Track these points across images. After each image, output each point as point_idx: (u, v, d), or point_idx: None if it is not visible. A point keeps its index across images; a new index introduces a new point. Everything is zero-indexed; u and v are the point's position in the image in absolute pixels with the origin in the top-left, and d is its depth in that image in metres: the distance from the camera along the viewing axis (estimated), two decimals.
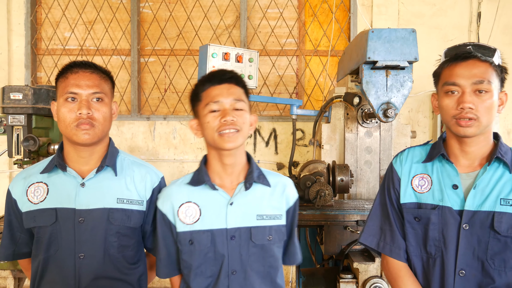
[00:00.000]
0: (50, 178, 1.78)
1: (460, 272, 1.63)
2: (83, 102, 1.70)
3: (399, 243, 1.76)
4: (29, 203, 1.75)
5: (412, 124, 4.65)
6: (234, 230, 1.68)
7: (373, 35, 2.36)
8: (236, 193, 1.71)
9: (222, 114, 1.63)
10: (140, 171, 1.86)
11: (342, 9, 4.77)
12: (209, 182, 1.71)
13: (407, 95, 2.43)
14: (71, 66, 1.76)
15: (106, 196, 1.76)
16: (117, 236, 1.76)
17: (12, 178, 4.64)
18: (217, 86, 1.67)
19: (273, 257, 1.73)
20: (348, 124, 3.07)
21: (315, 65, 4.82)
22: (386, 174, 1.86)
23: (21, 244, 1.84)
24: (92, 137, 1.71)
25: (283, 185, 1.79)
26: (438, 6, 4.64)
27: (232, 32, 4.77)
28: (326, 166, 2.79)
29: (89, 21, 4.82)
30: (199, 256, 1.68)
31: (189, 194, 1.73)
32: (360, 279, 2.29)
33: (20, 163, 2.67)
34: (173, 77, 4.81)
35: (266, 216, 1.72)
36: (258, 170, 1.77)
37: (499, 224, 1.59)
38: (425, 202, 1.71)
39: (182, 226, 1.70)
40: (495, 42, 4.54)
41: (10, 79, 4.69)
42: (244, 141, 1.69)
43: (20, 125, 2.62)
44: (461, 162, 1.69)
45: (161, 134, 4.72)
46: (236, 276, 1.67)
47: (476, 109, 1.57)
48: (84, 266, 1.72)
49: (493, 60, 1.60)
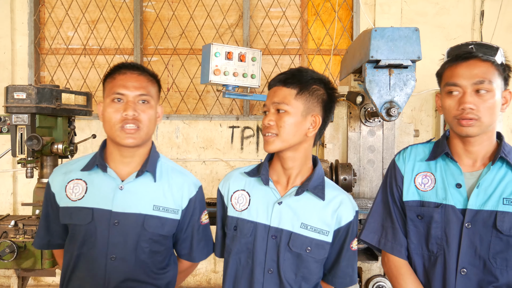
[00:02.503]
0: (90, 176, 1.78)
1: (462, 271, 1.63)
2: (130, 103, 1.69)
3: (400, 240, 1.76)
4: (67, 199, 1.76)
5: (415, 123, 4.64)
6: (276, 230, 1.68)
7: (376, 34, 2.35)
8: (287, 194, 1.71)
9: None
10: (178, 179, 1.86)
11: (344, 8, 4.76)
12: (263, 176, 1.73)
13: (410, 94, 2.43)
14: (119, 67, 1.76)
15: (143, 202, 1.76)
16: (149, 242, 1.77)
17: (15, 178, 4.67)
18: (271, 89, 1.73)
19: (308, 269, 1.70)
20: (351, 123, 3.06)
21: (318, 64, 4.82)
22: (388, 171, 1.85)
23: (56, 236, 1.86)
24: (137, 141, 1.71)
25: (338, 203, 1.72)
26: (441, 5, 4.62)
27: (235, 31, 4.77)
28: (329, 165, 2.79)
29: (92, 20, 4.83)
30: (239, 243, 1.72)
31: (246, 183, 1.78)
32: (363, 278, 2.29)
33: (24, 162, 2.68)
34: (176, 76, 4.81)
35: (311, 227, 1.69)
36: (318, 181, 1.72)
37: (502, 223, 1.59)
38: (428, 200, 1.70)
39: (232, 211, 1.76)
40: (498, 41, 4.53)
41: (14, 78, 4.71)
42: (289, 146, 1.66)
43: (24, 125, 2.63)
44: (465, 161, 1.69)
45: (164, 133, 4.73)
46: (272, 276, 1.68)
47: (477, 110, 1.56)
48: (115, 268, 1.72)
49: (495, 59, 1.59)
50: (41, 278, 4.77)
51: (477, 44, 1.63)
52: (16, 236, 2.54)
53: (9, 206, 4.67)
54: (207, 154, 4.73)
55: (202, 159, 4.72)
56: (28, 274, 2.62)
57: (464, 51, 1.63)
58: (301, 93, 1.66)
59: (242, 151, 4.73)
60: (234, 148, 4.74)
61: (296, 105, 1.64)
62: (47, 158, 2.82)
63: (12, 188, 4.66)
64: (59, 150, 2.75)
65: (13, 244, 2.43)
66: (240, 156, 4.72)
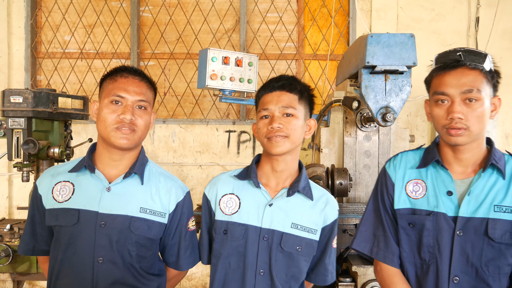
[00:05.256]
0: (77, 178, 1.78)
1: (454, 279, 1.62)
2: (128, 107, 1.71)
3: (393, 249, 1.75)
4: (53, 201, 1.76)
5: (410, 128, 4.66)
6: (267, 231, 1.71)
7: (372, 40, 2.37)
8: (278, 196, 1.75)
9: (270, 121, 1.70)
10: (166, 183, 1.86)
11: (341, 14, 4.79)
12: (254, 179, 1.76)
13: (405, 100, 2.44)
14: (121, 69, 1.77)
15: (130, 204, 1.76)
16: (135, 245, 1.76)
17: (11, 182, 4.66)
18: (269, 94, 1.74)
19: (298, 268, 1.74)
20: (347, 128, 3.07)
21: (314, 69, 4.84)
22: (379, 179, 1.85)
23: (41, 241, 1.85)
24: (130, 142, 1.72)
25: (325, 202, 1.80)
26: (437, 11, 4.65)
27: (231, 36, 4.78)
28: (325, 169, 2.79)
29: (89, 24, 4.83)
30: (230, 246, 1.73)
31: (234, 186, 1.80)
32: (359, 283, 2.29)
33: (20, 166, 2.67)
34: (172, 81, 4.82)
35: (301, 227, 1.74)
36: (306, 182, 1.79)
37: (493, 230, 1.59)
38: (420, 208, 1.70)
39: (221, 215, 1.77)
40: (493, 47, 4.56)
41: (10, 82, 4.70)
42: (294, 148, 1.73)
43: (20, 128, 2.62)
44: (455, 168, 1.68)
45: (161, 137, 4.73)
46: (263, 277, 1.71)
47: (466, 119, 1.55)
48: (102, 271, 1.71)
49: (483, 66, 1.58)
50: (36, 282, 4.74)
51: (465, 51, 1.61)
52: (11, 240, 2.53)
53: (5, 210, 4.65)
54: (203, 158, 4.73)
55: (199, 163, 4.72)
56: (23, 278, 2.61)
57: (452, 59, 1.62)
58: (302, 99, 1.74)
59: (239, 155, 4.73)
60: (230, 153, 4.74)
61: (300, 109, 1.72)
62: (43, 162, 2.82)
63: (8, 192, 4.64)
64: (56, 154, 2.75)
65: (8, 248, 2.42)
66: (237, 160, 4.73)
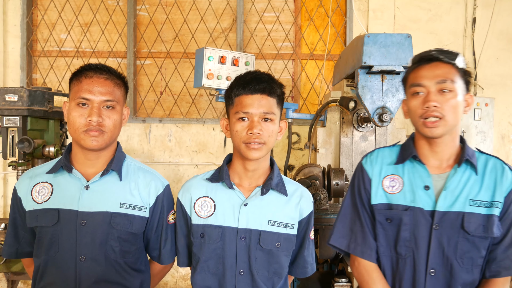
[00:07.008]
0: (55, 178, 1.78)
1: (431, 272, 1.67)
2: (94, 109, 1.69)
3: (370, 244, 1.77)
4: (33, 202, 1.76)
5: (407, 128, 4.65)
6: (244, 231, 1.71)
7: (369, 40, 2.37)
8: (252, 195, 1.74)
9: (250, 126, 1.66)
10: (145, 177, 1.86)
11: (338, 14, 4.79)
12: (227, 180, 1.75)
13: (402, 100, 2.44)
14: (85, 69, 1.74)
15: (109, 200, 1.76)
16: (118, 241, 1.76)
17: (6, 180, 4.64)
18: (250, 96, 1.68)
19: (279, 264, 1.75)
20: (343, 128, 3.07)
21: (311, 69, 4.83)
22: (355, 175, 1.87)
23: (24, 243, 1.85)
24: (100, 143, 1.71)
25: (299, 196, 1.80)
26: (434, 12, 4.66)
27: (228, 35, 4.77)
28: (322, 170, 2.79)
29: (85, 23, 4.81)
30: (208, 250, 1.72)
31: (208, 189, 1.78)
32: (355, 283, 2.29)
33: (15, 165, 2.66)
34: (169, 80, 4.81)
35: (278, 223, 1.74)
36: (278, 178, 1.78)
37: (468, 224, 1.64)
38: (396, 203, 1.73)
39: (196, 219, 1.75)
40: (490, 48, 4.58)
41: (5, 80, 4.68)
42: (267, 151, 1.72)
43: (15, 127, 2.61)
44: (431, 162, 1.73)
45: (157, 136, 4.72)
46: (244, 277, 1.71)
47: (441, 108, 1.61)
48: (85, 269, 1.72)
49: (455, 62, 1.66)
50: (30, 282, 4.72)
51: (438, 51, 1.69)
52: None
53: (0, 209, 4.63)
54: (199, 158, 4.72)
55: (195, 162, 4.71)
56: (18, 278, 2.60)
57: (427, 55, 1.70)
58: (279, 102, 1.74)
59: None
60: (226, 152, 4.71)
61: (277, 112, 1.72)
62: (38, 161, 2.81)
63: (3, 191, 4.62)
64: (51, 153, 2.74)
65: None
66: None
